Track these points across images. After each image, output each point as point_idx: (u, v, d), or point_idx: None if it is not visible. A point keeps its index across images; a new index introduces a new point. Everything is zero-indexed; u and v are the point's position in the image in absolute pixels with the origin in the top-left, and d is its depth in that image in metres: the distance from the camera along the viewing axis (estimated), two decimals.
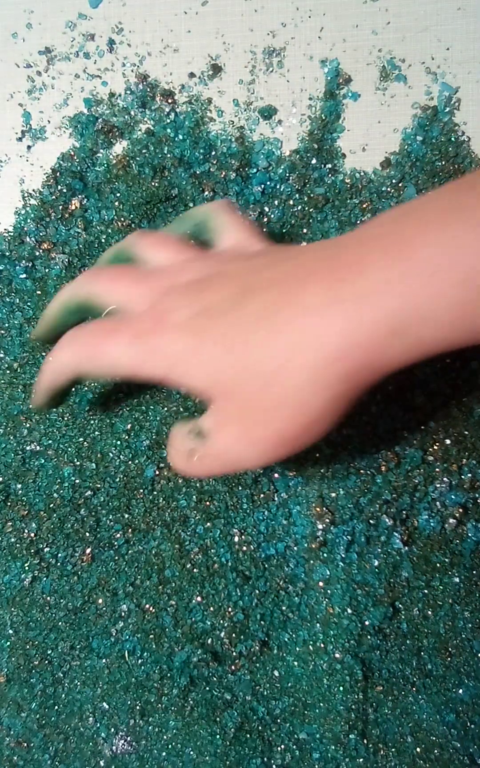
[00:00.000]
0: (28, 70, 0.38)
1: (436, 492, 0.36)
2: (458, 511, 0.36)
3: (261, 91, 0.38)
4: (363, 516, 0.36)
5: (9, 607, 0.38)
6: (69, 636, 0.37)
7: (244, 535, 0.37)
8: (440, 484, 0.36)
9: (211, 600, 0.37)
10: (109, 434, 0.38)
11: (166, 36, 0.38)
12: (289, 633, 0.37)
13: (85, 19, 0.38)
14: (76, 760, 0.37)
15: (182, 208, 0.38)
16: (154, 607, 0.37)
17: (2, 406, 0.38)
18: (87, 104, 0.38)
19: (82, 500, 0.38)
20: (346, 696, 0.36)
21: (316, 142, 0.37)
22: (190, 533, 0.37)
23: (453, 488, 0.36)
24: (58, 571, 0.37)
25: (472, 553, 0.36)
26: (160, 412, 0.37)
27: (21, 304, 0.38)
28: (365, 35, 0.37)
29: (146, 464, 0.37)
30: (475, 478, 0.36)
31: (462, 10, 0.37)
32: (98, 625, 0.37)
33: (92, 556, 0.37)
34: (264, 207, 0.37)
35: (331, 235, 0.37)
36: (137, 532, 0.37)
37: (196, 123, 0.38)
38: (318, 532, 0.36)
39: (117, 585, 0.37)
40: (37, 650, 0.38)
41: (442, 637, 0.36)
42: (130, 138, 0.38)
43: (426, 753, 0.36)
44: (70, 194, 0.38)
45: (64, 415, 0.38)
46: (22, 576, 0.37)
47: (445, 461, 0.37)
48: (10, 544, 0.38)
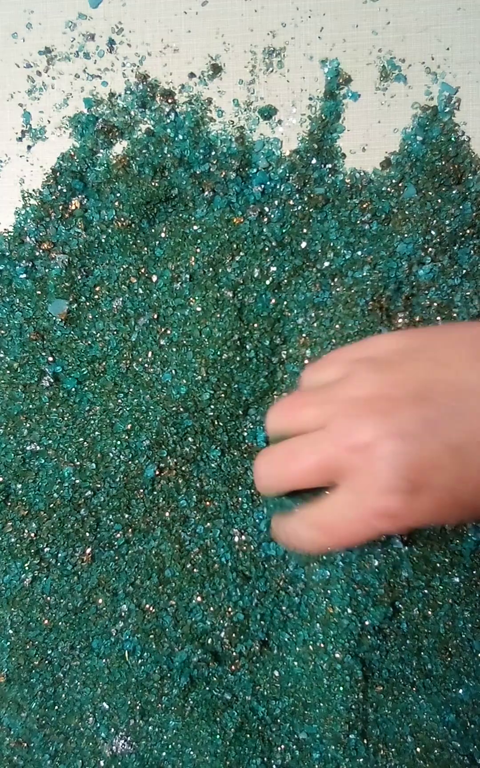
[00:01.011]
0: (28, 70, 0.38)
1: None
2: None
3: (261, 91, 0.38)
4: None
5: (9, 607, 0.38)
6: (69, 636, 0.37)
7: (244, 535, 0.37)
8: None
9: (211, 600, 0.37)
10: (109, 434, 0.38)
11: (166, 36, 0.38)
12: (289, 633, 0.37)
13: (85, 19, 0.38)
14: (76, 760, 0.37)
15: (182, 207, 0.38)
16: (154, 607, 0.37)
17: (2, 406, 0.38)
18: (87, 104, 0.38)
19: (82, 500, 0.38)
20: (346, 696, 0.36)
21: (316, 142, 0.37)
22: (190, 533, 0.37)
23: None
24: (58, 571, 0.37)
25: (472, 553, 0.36)
26: (160, 412, 0.37)
27: (21, 304, 0.38)
28: (365, 35, 0.37)
29: (146, 464, 0.37)
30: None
31: (462, 10, 0.37)
32: (98, 625, 0.37)
33: (92, 556, 0.37)
34: (264, 207, 0.37)
35: (331, 235, 0.37)
36: (137, 532, 0.37)
37: (196, 123, 0.38)
38: None
39: (117, 585, 0.37)
40: (37, 650, 0.38)
41: (442, 637, 0.36)
42: (130, 138, 0.38)
43: (426, 753, 0.36)
44: (70, 194, 0.38)
45: (64, 415, 0.38)
46: (22, 576, 0.37)
47: None
48: (10, 544, 0.38)
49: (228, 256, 0.37)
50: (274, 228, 0.37)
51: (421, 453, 0.26)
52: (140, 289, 0.38)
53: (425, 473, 0.26)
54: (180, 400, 0.37)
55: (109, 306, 0.38)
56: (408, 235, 0.37)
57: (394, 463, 0.26)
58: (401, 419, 0.26)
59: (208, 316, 0.37)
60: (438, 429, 0.26)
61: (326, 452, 0.28)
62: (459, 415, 0.26)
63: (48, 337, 0.38)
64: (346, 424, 0.27)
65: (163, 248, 0.38)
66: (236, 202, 0.37)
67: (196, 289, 0.37)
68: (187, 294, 0.37)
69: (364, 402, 0.27)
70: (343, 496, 0.28)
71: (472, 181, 0.37)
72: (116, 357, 0.38)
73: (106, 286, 0.38)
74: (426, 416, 0.26)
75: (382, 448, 0.26)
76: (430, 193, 0.37)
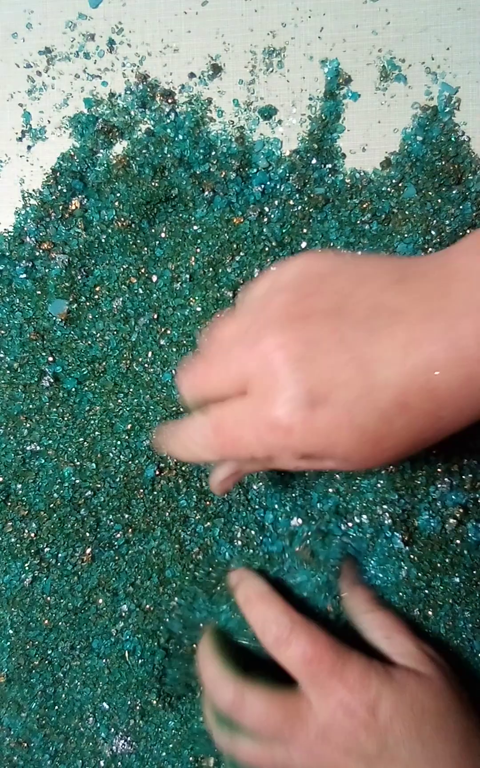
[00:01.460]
0: (28, 70, 0.38)
1: (436, 492, 0.36)
2: (459, 511, 0.36)
3: (261, 91, 0.38)
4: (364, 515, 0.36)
5: (9, 607, 0.38)
6: (69, 636, 0.37)
7: (244, 534, 0.37)
8: (441, 484, 0.36)
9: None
10: (109, 434, 0.38)
11: (166, 36, 0.38)
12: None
13: (85, 19, 0.38)
14: (76, 760, 0.37)
15: (182, 207, 0.38)
16: (154, 607, 0.37)
17: (2, 406, 0.38)
18: (87, 104, 0.38)
19: (82, 500, 0.38)
20: None
21: (316, 142, 0.37)
22: (190, 533, 0.37)
23: (453, 488, 0.36)
24: (59, 571, 0.37)
25: (472, 553, 0.36)
26: (160, 412, 0.37)
27: (21, 304, 0.38)
28: (365, 35, 0.37)
29: (146, 464, 0.37)
30: (475, 478, 0.36)
31: (462, 10, 0.37)
32: (98, 626, 0.37)
33: (92, 556, 0.37)
34: (264, 207, 0.37)
35: (331, 235, 0.37)
36: (137, 532, 0.37)
37: (196, 123, 0.38)
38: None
39: (117, 585, 0.37)
40: (37, 650, 0.38)
41: (443, 637, 0.36)
42: (130, 138, 0.38)
43: None
44: (70, 194, 0.38)
45: (64, 415, 0.38)
46: (22, 576, 0.37)
47: (446, 461, 0.37)
48: (10, 544, 0.38)
49: (228, 256, 0.37)
50: (274, 228, 0.37)
51: (326, 362, 0.25)
52: (140, 289, 0.38)
53: (326, 385, 0.25)
54: (180, 400, 0.37)
55: (109, 306, 0.38)
56: (408, 235, 0.37)
57: (296, 369, 0.25)
58: (311, 327, 0.26)
59: (208, 316, 0.37)
60: (347, 341, 0.25)
61: (239, 359, 0.27)
62: (371, 331, 0.25)
63: (48, 337, 0.38)
64: (258, 331, 0.27)
65: (163, 248, 0.38)
66: (236, 202, 0.37)
67: (196, 289, 0.37)
68: (187, 294, 0.37)
69: (278, 312, 0.27)
70: (246, 401, 0.27)
71: (472, 181, 0.37)
72: (116, 357, 0.38)
73: (106, 286, 0.38)
74: (337, 327, 0.26)
75: (287, 353, 0.26)
76: (430, 193, 0.37)
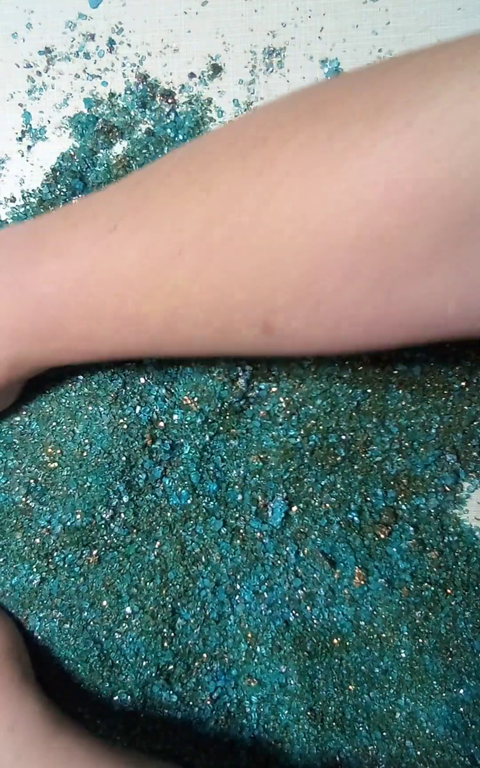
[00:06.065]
0: (28, 70, 0.38)
1: (437, 492, 0.36)
2: (458, 510, 0.36)
3: (261, 91, 0.38)
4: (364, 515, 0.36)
5: (23, 610, 0.37)
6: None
7: (244, 534, 0.37)
8: (442, 484, 0.36)
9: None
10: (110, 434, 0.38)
11: (166, 36, 0.38)
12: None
13: (85, 19, 0.38)
14: None
15: None
16: (157, 609, 0.37)
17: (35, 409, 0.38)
18: (87, 104, 0.38)
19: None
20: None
21: None
22: (190, 533, 0.37)
23: (453, 488, 0.36)
24: (66, 572, 0.37)
25: (470, 548, 0.36)
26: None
27: None
28: (365, 35, 0.37)
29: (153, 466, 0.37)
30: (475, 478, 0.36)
31: (462, 10, 0.37)
32: (103, 627, 0.37)
33: (99, 558, 0.37)
34: None
35: None
36: (140, 533, 0.37)
37: (196, 123, 0.38)
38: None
39: (121, 587, 0.37)
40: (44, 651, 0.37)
41: (443, 637, 0.36)
42: (130, 138, 0.38)
43: (426, 756, 0.36)
44: (70, 194, 0.38)
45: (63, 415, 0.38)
46: (30, 578, 0.37)
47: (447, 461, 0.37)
48: (19, 547, 0.37)
49: None
50: None
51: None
52: None
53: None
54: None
55: None
56: None
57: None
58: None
59: None
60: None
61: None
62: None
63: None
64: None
65: None
66: None
67: None
68: None
69: None
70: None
71: None
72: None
73: None
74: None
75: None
76: None
